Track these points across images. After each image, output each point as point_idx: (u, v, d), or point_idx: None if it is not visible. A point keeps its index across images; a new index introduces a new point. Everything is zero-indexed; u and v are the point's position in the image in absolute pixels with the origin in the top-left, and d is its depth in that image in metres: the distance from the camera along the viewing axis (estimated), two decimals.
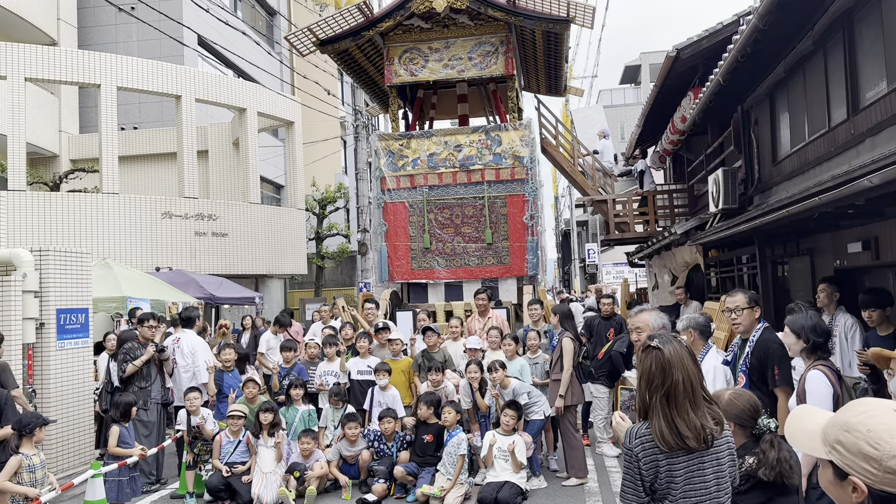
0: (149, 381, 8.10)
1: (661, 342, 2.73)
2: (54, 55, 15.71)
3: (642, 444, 2.67)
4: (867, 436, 1.39)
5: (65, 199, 15.46)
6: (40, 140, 18.86)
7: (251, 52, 21.79)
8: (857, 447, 1.39)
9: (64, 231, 14.64)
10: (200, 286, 13.79)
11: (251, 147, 18.58)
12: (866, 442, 1.38)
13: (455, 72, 11.40)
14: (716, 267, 11.29)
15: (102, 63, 15.99)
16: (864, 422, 1.41)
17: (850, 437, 1.42)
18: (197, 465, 7.41)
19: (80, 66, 15.78)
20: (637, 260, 17.24)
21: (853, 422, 1.43)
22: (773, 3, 6.30)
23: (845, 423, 1.45)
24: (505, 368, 7.36)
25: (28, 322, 7.93)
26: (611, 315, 9.05)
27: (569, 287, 39.99)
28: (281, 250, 19.31)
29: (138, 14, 15.60)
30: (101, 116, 15.77)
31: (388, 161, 11.40)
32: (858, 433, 1.40)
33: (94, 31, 22.03)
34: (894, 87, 5.78)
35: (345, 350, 8.58)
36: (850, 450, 1.41)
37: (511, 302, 10.83)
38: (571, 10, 10.57)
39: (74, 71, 15.72)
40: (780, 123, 8.93)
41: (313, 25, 11.32)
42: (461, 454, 6.91)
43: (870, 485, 1.38)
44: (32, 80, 15.59)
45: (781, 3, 6.26)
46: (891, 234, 5.96)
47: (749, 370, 4.54)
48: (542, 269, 12.17)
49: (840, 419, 1.48)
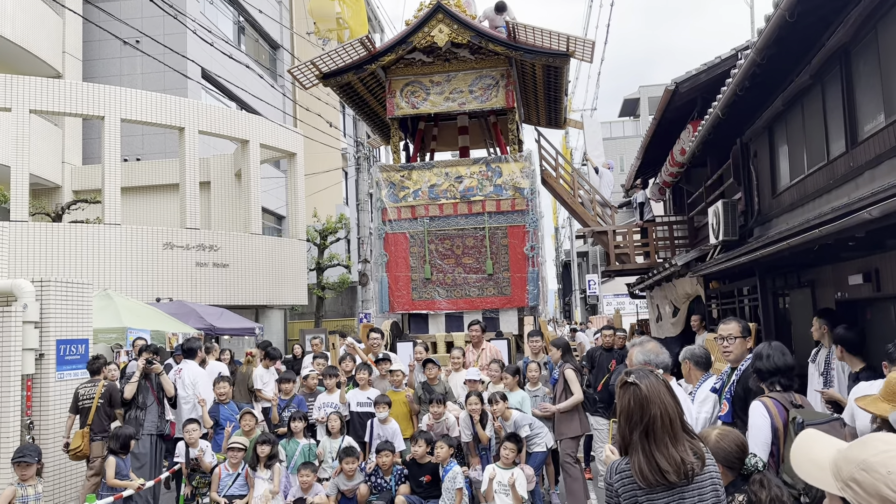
0: (143, 409, 8.06)
1: (637, 377, 2.75)
2: (59, 87, 15.90)
3: (622, 480, 2.69)
4: (887, 478, 1.34)
5: (67, 229, 15.53)
6: (43, 171, 19.00)
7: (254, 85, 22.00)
8: (876, 489, 1.35)
9: (66, 262, 14.68)
10: (201, 317, 13.79)
11: (253, 178, 18.70)
12: (885, 484, 1.34)
13: (456, 104, 11.49)
14: (717, 298, 11.28)
15: (106, 95, 16.17)
16: (884, 462, 1.37)
17: (868, 477, 1.37)
18: (195, 499, 7.35)
19: (84, 98, 15.97)
20: (638, 291, 17.24)
21: (872, 461, 1.38)
22: (771, 38, 6.38)
23: (864, 461, 1.40)
24: (506, 400, 7.33)
25: (28, 353, 7.93)
26: (612, 347, 9.06)
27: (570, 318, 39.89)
28: (281, 281, 19.33)
29: (143, 47, 15.78)
30: (105, 148, 15.92)
31: (389, 192, 11.44)
32: (878, 474, 1.36)
33: (99, 63, 22.29)
34: (892, 121, 5.83)
35: (345, 381, 8.55)
36: (868, 490, 1.36)
37: (512, 333, 10.80)
38: (571, 44, 10.67)
39: (78, 103, 15.90)
40: (779, 156, 8.98)
41: (316, 59, 11.43)
42: (458, 488, 6.85)
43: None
44: (37, 111, 15.76)
45: (779, 37, 6.35)
46: (891, 265, 5.97)
47: (733, 398, 4.55)
48: (543, 300, 12.14)
49: (858, 456, 1.42)
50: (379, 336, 9.51)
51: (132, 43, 15.53)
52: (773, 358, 4.08)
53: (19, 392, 7.75)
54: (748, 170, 9.97)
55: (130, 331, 10.73)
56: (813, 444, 1.62)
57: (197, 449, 7.49)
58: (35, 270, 13.84)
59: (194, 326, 12.80)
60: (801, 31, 6.32)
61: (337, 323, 22.17)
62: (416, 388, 8.44)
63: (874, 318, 6.72)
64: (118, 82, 20.30)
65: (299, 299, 20.79)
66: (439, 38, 10.82)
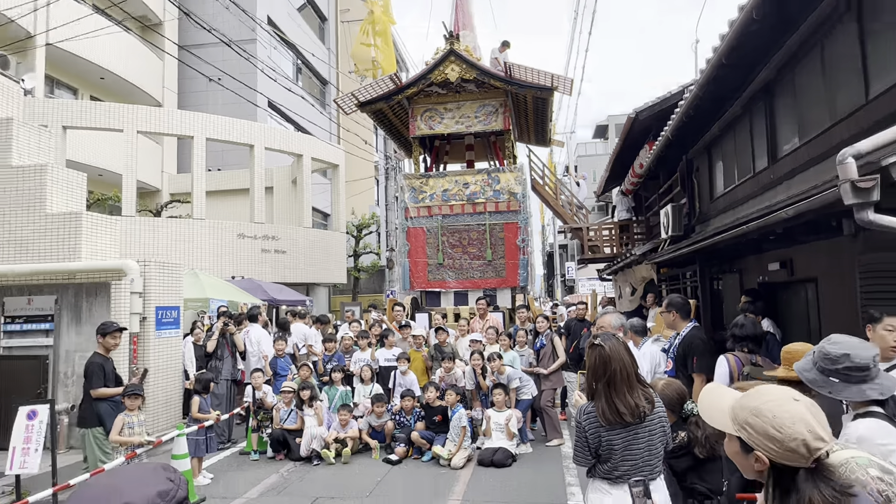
0: (222, 360, 8.18)
1: (602, 340, 2.77)
2: (159, 114, 16.00)
3: (588, 420, 2.72)
4: (773, 421, 1.37)
5: (164, 223, 15.65)
6: (147, 178, 19.16)
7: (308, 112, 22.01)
8: (764, 430, 1.38)
9: (163, 247, 14.81)
10: (265, 291, 13.90)
11: (306, 184, 18.74)
12: (772, 426, 1.37)
13: (464, 126, 11.48)
14: (666, 281, 11.22)
15: (195, 120, 16.25)
16: (770, 409, 1.39)
17: (758, 420, 1.39)
18: (260, 429, 7.47)
19: (178, 122, 16.07)
20: (606, 275, 17.18)
21: (762, 408, 1.40)
22: (710, 77, 6.34)
23: (755, 408, 1.41)
24: (502, 358, 7.38)
25: (134, 316, 8.05)
26: (584, 318, 9.06)
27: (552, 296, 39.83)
28: (327, 264, 19.39)
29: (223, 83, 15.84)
30: (194, 160, 16.00)
31: (410, 195, 11.47)
32: (766, 418, 1.38)
33: (190, 95, 22.42)
34: (804, 142, 5.79)
35: (374, 342, 8.63)
36: (758, 431, 1.39)
37: (506, 307, 10.82)
38: (555, 80, 10.65)
39: (174, 126, 16.00)
40: (715, 170, 8.92)
41: (355, 91, 11.46)
42: (462, 426, 6.91)
43: (772, 459, 1.38)
44: (143, 132, 15.86)
45: (717, 76, 6.29)
46: (802, 256, 5.94)
47: (675, 357, 4.64)
48: (531, 282, 12.17)
49: (750, 404, 1.44)
50: (401, 308, 9.60)
51: (215, 80, 15.56)
52: (746, 328, 4.21)
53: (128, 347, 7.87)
54: (691, 180, 9.91)
55: (212, 301, 10.85)
56: (716, 394, 1.61)
57: (261, 392, 7.60)
58: (140, 254, 13.93)
59: (259, 298, 12.89)
60: (734, 71, 6.27)
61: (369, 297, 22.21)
62: (430, 348, 8.48)
63: (788, 296, 6.69)
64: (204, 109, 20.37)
65: (340, 279, 20.85)
66: (451, 75, 10.82)
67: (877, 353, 2.25)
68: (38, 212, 8.66)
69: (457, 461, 6.62)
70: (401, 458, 6.96)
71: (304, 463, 6.99)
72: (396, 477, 6.41)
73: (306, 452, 7.03)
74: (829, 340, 2.28)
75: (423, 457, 7.01)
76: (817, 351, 2.28)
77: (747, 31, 5.17)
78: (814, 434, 1.34)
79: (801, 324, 6.20)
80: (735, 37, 5.32)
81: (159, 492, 0.90)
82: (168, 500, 0.90)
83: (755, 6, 4.64)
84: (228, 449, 7.81)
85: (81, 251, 8.59)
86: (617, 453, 2.65)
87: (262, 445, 7.38)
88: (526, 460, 6.85)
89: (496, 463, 6.52)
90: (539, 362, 7.84)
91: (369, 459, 7.08)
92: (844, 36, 5.06)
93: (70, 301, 8.10)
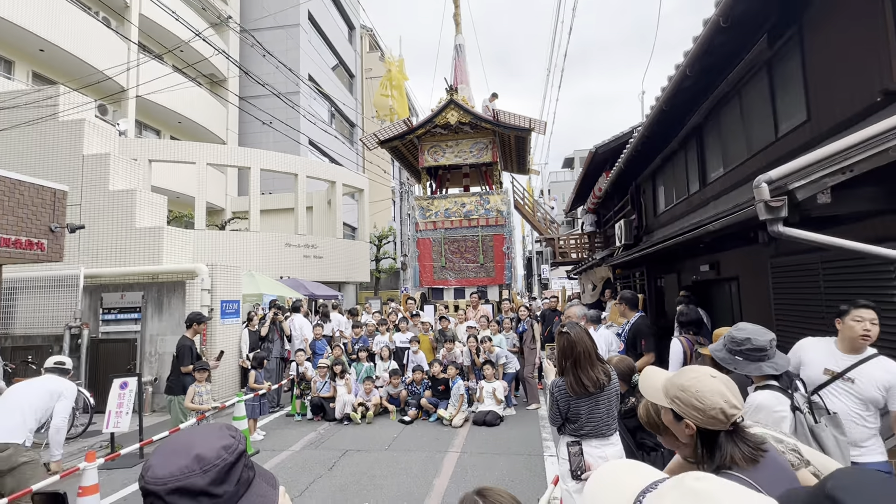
0: (272, 342, 8.14)
1: (568, 328, 2.76)
2: (224, 150, 16.01)
3: (559, 391, 2.70)
4: (696, 395, 1.36)
5: (227, 235, 15.64)
6: (214, 199, 19.15)
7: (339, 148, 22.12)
8: (690, 402, 1.37)
9: (226, 254, 14.79)
10: (306, 288, 13.86)
11: (338, 204, 18.75)
12: (695, 399, 1.35)
13: (461, 159, 11.48)
14: (620, 280, 11.20)
15: (252, 154, 16.25)
16: (693, 385, 1.37)
17: (684, 395, 1.38)
18: (302, 397, 7.43)
19: (238, 156, 16.06)
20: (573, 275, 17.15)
21: (686, 384, 1.38)
22: (654, 121, 6.34)
23: (681, 385, 1.39)
24: (491, 341, 7.34)
25: (204, 308, 8.03)
26: (555, 308, 9.01)
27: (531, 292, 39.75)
28: (354, 267, 19.36)
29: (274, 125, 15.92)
30: (251, 186, 16.00)
31: (420, 213, 11.46)
32: (690, 392, 1.37)
33: (248, 135, 22.45)
34: (728, 171, 5.78)
35: (392, 328, 8.59)
36: (685, 403, 1.38)
37: (495, 300, 10.80)
38: (532, 123, 10.67)
39: (235, 159, 15.99)
40: (658, 192, 8.91)
41: (377, 132, 11.48)
42: (461, 394, 6.87)
43: (698, 424, 1.36)
44: (211, 164, 15.88)
45: (659, 120, 6.30)
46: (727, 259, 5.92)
47: (626, 340, 4.62)
48: (515, 280, 12.13)
49: (678, 381, 1.41)
50: (413, 301, 9.55)
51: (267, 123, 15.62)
52: (690, 314, 4.22)
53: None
54: (640, 201, 9.91)
55: (265, 295, 10.82)
56: (652, 375, 1.58)
57: (303, 367, 7.56)
58: (208, 259, 13.97)
59: (302, 294, 12.85)
60: (672, 116, 6.28)
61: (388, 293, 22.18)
62: (435, 332, 8.45)
63: (716, 291, 6.67)
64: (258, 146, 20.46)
65: (365, 278, 20.83)
66: (451, 119, 10.83)
67: (773, 338, 2.19)
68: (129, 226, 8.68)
69: (457, 421, 6.58)
70: (413, 419, 6.92)
71: (336, 423, 6.95)
72: (409, 433, 6.37)
73: (339, 415, 6.99)
74: (736, 327, 2.25)
75: (430, 418, 6.97)
76: (726, 335, 2.26)
77: (682, 85, 5.18)
78: (729, 403, 1.33)
79: (726, 312, 6.18)
80: (673, 88, 5.33)
81: (223, 445, 0.90)
82: (230, 452, 0.90)
83: (689, 65, 4.65)
84: (277, 412, 7.78)
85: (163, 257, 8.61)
86: (583, 416, 2.64)
87: (304, 409, 7.35)
88: (511, 420, 6.81)
89: (487, 422, 6.48)
90: (522, 343, 7.80)
91: (388, 420, 7.04)
92: (758, 88, 5.07)
93: (154, 296, 8.10)
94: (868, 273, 3.41)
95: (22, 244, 5.79)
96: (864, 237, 3.22)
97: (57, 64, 14.73)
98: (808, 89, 4.23)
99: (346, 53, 28.41)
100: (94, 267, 8.48)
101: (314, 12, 24.38)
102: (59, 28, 13.98)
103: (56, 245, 6.15)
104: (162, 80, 16.02)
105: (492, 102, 12.15)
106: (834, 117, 3.87)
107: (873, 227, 3.42)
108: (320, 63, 24.68)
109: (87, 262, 8.63)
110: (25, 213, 5.91)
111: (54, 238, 6.15)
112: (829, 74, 3.94)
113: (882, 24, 3.32)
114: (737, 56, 5.03)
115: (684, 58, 4.66)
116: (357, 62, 30.06)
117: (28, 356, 7.55)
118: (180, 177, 17.81)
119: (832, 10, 3.88)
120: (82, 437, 6.33)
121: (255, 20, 22.40)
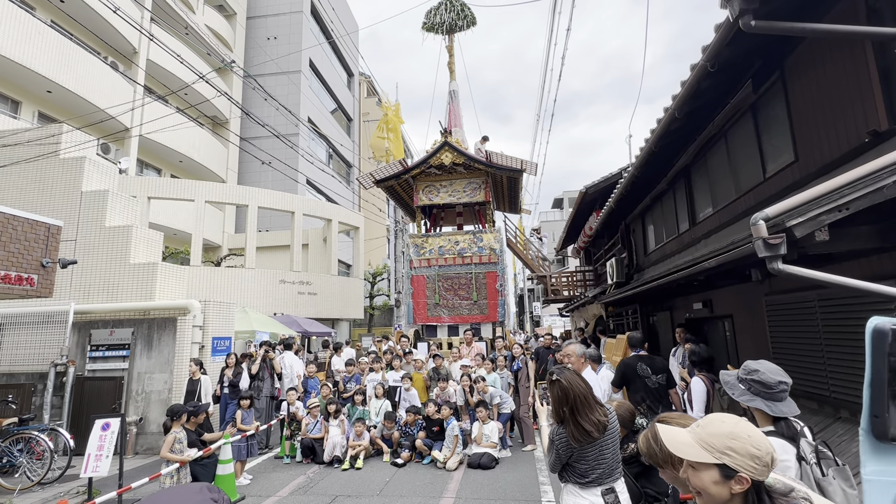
0: (262, 380, 7.83)
1: (559, 374, 2.59)
2: (222, 188, 16.01)
3: (561, 440, 2.52)
4: (751, 441, 1.18)
5: (223, 271, 15.41)
6: (211, 236, 19.00)
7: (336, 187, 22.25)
8: (747, 451, 1.17)
9: (221, 290, 14.53)
10: (299, 324, 13.55)
11: (333, 242, 18.67)
12: (752, 445, 1.18)
13: (455, 199, 11.51)
14: (613, 317, 11.08)
15: (250, 193, 16.25)
16: (742, 431, 1.20)
17: (738, 443, 1.18)
18: (292, 438, 7.08)
19: (236, 194, 16.05)
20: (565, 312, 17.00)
21: (735, 431, 1.19)
22: (643, 162, 6.38)
23: (730, 433, 1.19)
24: (485, 381, 7.11)
25: (195, 345, 7.78)
26: (549, 346, 8.81)
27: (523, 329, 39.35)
28: (348, 304, 19.08)
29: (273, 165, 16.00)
30: (248, 223, 15.92)
31: (414, 250, 11.38)
32: (743, 439, 1.18)
33: (247, 174, 22.57)
34: (717, 210, 5.79)
35: (385, 366, 8.32)
36: (741, 453, 1.17)
37: (488, 337, 10.59)
38: (524, 164, 10.77)
39: (233, 197, 15.97)
40: (648, 231, 8.94)
41: (373, 172, 11.53)
42: (455, 435, 6.58)
43: (752, 478, 1.17)
44: (209, 202, 15.84)
45: (648, 161, 6.35)
46: (720, 297, 5.84)
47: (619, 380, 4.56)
48: (507, 317, 11.94)
49: (722, 430, 1.20)
50: (407, 339, 9.33)
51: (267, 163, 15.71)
52: (702, 353, 4.23)
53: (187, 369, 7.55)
54: (630, 239, 9.92)
55: (258, 332, 10.53)
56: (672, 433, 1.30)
57: (294, 407, 7.25)
58: (203, 295, 13.69)
59: (295, 330, 12.55)
60: (661, 156, 6.34)
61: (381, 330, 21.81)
62: (428, 370, 8.19)
63: (710, 328, 6.56)
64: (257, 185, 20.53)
65: (358, 315, 20.50)
66: (445, 160, 10.92)
67: (783, 381, 2.06)
68: (123, 262, 8.50)
69: (451, 464, 6.27)
70: (406, 461, 6.58)
71: (327, 466, 6.59)
72: (402, 477, 6.03)
73: (329, 458, 6.64)
74: (757, 361, 2.17)
75: (423, 460, 6.64)
76: (743, 365, 2.19)
77: (671, 127, 5.24)
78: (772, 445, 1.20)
79: (721, 350, 6.05)
80: (662, 130, 5.39)
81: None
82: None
83: (677, 108, 4.71)
84: (265, 454, 7.39)
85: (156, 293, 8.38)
86: (590, 462, 2.46)
87: (293, 451, 6.98)
88: (506, 463, 6.50)
89: (482, 465, 6.17)
90: (517, 382, 7.56)
91: (380, 463, 6.69)
92: (745, 129, 5.14)
93: (144, 332, 7.84)
94: (868, 311, 3.32)
95: (11, 279, 5.59)
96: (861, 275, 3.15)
97: (63, 104, 14.87)
98: (795, 131, 4.27)
99: (344, 98, 29.08)
100: (86, 302, 8.23)
101: (315, 60, 25.08)
102: (68, 71, 14.19)
103: (46, 280, 5.95)
104: (165, 119, 16.18)
105: (483, 145, 12.32)
106: (822, 158, 3.89)
107: (869, 264, 3.36)
108: (320, 107, 25.19)
109: (78, 297, 8.38)
110: (17, 247, 5.74)
111: (45, 273, 5.96)
112: (815, 116, 3.99)
113: (865, 69, 3.37)
114: (724, 99, 5.12)
115: (672, 101, 4.73)
116: (355, 106, 30.74)
117: (8, 395, 7.17)
118: (179, 214, 17.72)
119: (813, 57, 3.97)
120: (59, 482, 5.94)
121: (256, 65, 22.96)
